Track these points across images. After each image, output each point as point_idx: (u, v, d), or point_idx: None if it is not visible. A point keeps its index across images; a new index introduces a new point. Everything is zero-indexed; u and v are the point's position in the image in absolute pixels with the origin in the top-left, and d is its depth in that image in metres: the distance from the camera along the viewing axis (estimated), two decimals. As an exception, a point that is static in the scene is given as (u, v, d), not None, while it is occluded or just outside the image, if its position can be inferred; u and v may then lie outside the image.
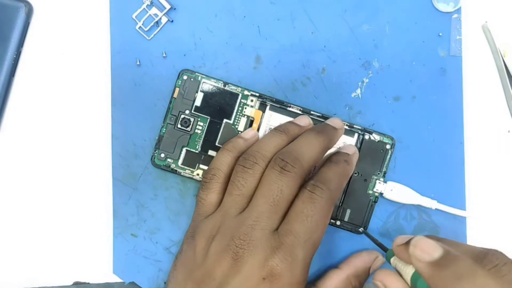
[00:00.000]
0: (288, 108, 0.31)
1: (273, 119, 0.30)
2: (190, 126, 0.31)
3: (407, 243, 0.25)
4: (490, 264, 0.22)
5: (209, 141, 0.31)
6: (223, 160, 0.28)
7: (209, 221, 0.27)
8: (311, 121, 0.30)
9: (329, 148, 0.29)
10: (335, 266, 0.30)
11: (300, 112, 0.31)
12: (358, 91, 0.32)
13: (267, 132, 0.30)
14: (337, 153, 0.29)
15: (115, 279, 0.32)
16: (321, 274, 0.31)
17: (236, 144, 0.29)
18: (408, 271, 0.25)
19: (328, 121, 0.29)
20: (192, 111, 0.31)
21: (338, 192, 0.27)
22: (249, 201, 0.27)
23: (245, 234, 0.25)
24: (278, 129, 0.29)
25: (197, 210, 0.29)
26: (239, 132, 0.31)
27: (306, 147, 0.27)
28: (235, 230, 0.26)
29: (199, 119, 0.31)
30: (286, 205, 0.26)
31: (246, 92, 0.31)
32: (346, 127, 0.31)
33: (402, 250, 0.25)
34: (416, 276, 0.24)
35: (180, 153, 0.31)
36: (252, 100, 0.31)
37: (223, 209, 0.27)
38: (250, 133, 0.30)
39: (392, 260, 0.27)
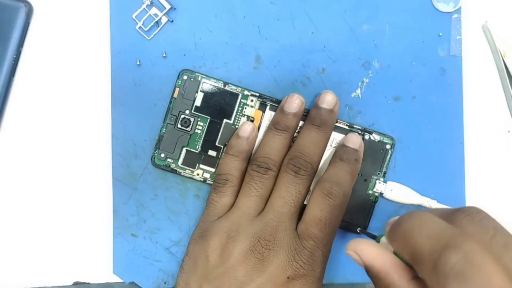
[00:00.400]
0: (288, 108, 0.31)
1: (273, 119, 0.30)
2: (190, 126, 0.31)
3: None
4: (463, 214, 0.19)
5: (209, 141, 0.31)
6: (232, 166, 0.29)
7: (224, 222, 0.28)
8: (301, 98, 0.30)
9: (331, 134, 0.30)
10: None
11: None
12: (358, 91, 0.32)
13: (265, 131, 0.30)
14: (346, 149, 0.29)
15: (115, 279, 0.32)
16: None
17: (240, 148, 0.29)
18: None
19: (321, 103, 0.29)
20: (192, 111, 0.31)
21: (350, 191, 0.29)
22: (265, 203, 0.28)
23: (270, 235, 0.27)
24: (278, 128, 0.29)
25: (207, 212, 0.29)
26: (239, 132, 0.31)
27: (312, 146, 0.29)
28: (259, 231, 0.27)
29: (199, 119, 0.31)
30: (302, 203, 0.29)
31: (246, 92, 0.31)
32: (346, 127, 0.31)
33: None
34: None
35: (180, 153, 0.31)
36: (252, 100, 0.31)
37: (239, 210, 0.28)
38: (248, 130, 0.30)
39: (381, 239, 0.26)
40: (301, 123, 0.30)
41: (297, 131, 0.30)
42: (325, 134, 0.29)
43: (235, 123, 0.31)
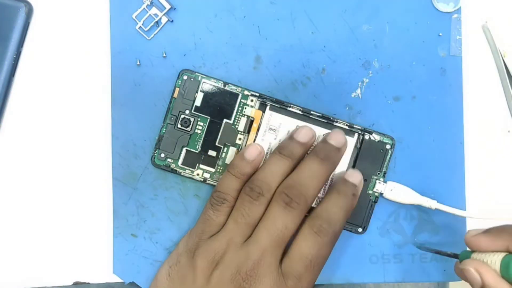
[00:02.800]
0: (288, 108, 0.31)
1: (273, 119, 0.30)
2: (190, 126, 0.31)
3: (487, 232, 0.25)
4: None
5: (209, 141, 0.31)
6: (231, 186, 0.29)
7: (213, 243, 0.28)
8: (314, 132, 0.29)
9: (333, 171, 0.29)
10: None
11: (300, 112, 0.31)
12: (358, 91, 0.32)
13: (270, 154, 0.29)
14: (345, 182, 0.28)
15: (115, 279, 0.32)
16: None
17: (243, 170, 0.28)
18: (494, 259, 0.25)
19: (329, 139, 0.29)
20: (192, 111, 0.31)
21: (342, 229, 0.28)
22: (253, 229, 0.28)
23: (251, 270, 0.26)
24: (283, 153, 0.28)
25: (201, 226, 0.29)
26: (239, 132, 0.31)
27: (311, 179, 0.27)
28: (241, 263, 0.27)
29: (199, 119, 0.31)
30: (289, 238, 0.27)
31: (246, 92, 0.31)
32: (346, 127, 0.31)
33: (481, 239, 0.25)
34: (508, 259, 0.24)
35: (180, 153, 0.31)
36: (252, 100, 0.31)
37: (227, 235, 0.28)
38: (254, 153, 0.29)
39: (473, 256, 0.26)
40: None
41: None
42: (327, 170, 0.28)
43: (235, 123, 0.31)
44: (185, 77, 0.31)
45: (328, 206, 0.27)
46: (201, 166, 0.31)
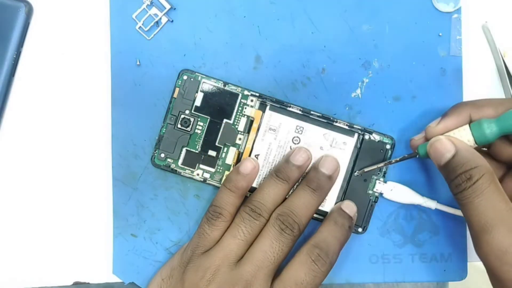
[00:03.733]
0: (288, 108, 0.31)
1: (273, 119, 0.31)
2: (190, 126, 0.31)
3: (445, 117, 0.29)
4: None
5: (209, 141, 0.31)
6: (227, 200, 0.29)
7: (206, 259, 0.28)
8: (309, 154, 0.30)
9: (324, 198, 0.30)
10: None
11: (300, 112, 0.31)
12: (358, 91, 0.32)
13: (267, 176, 0.30)
14: (341, 213, 0.29)
15: (115, 279, 0.32)
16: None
17: (238, 184, 0.29)
18: (460, 133, 0.27)
19: (321, 166, 0.29)
20: (192, 111, 0.31)
21: (336, 258, 0.28)
22: (247, 249, 0.28)
23: None
24: (280, 177, 0.29)
25: (196, 241, 0.29)
26: (239, 132, 0.31)
27: (304, 208, 0.28)
28: (233, 283, 0.27)
29: (199, 119, 0.31)
30: (281, 262, 0.28)
31: (246, 92, 0.31)
32: (346, 127, 0.31)
33: (446, 124, 0.28)
34: (476, 124, 0.27)
35: (180, 153, 0.31)
36: (252, 100, 0.31)
37: (222, 251, 0.28)
38: (249, 167, 0.29)
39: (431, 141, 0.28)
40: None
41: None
42: (319, 198, 0.29)
43: (235, 123, 0.31)
44: (185, 77, 0.31)
45: (325, 236, 0.28)
46: (201, 166, 0.31)
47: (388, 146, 0.31)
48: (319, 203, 0.29)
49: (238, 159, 0.31)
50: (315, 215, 0.30)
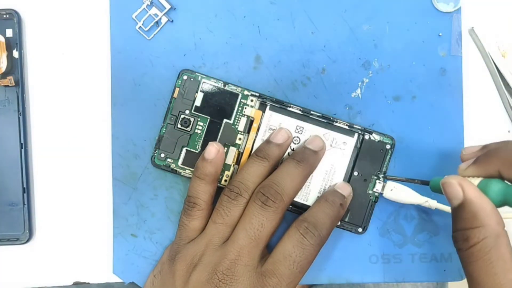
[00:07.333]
0: (288, 108, 0.31)
1: (273, 119, 0.30)
2: (190, 126, 0.31)
3: (476, 163, 0.26)
4: None
5: (209, 141, 0.31)
6: (199, 189, 0.29)
7: (191, 247, 0.28)
8: (290, 133, 0.30)
9: (310, 174, 0.29)
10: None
11: (299, 112, 0.31)
12: (358, 91, 0.32)
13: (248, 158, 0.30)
14: (333, 192, 0.29)
15: (115, 279, 0.32)
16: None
17: (205, 170, 0.28)
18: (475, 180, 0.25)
19: (308, 144, 0.29)
20: (192, 111, 0.31)
21: (327, 236, 0.27)
22: (232, 230, 0.28)
23: (228, 269, 0.26)
24: (259, 155, 0.29)
25: (179, 234, 0.29)
26: (239, 132, 0.31)
27: (287, 179, 0.28)
28: (218, 263, 0.27)
29: (199, 119, 0.31)
30: (267, 238, 0.27)
31: (246, 92, 0.31)
32: (346, 127, 0.31)
33: (472, 171, 0.26)
34: (485, 182, 0.24)
35: (180, 153, 0.31)
36: (252, 100, 0.31)
37: (206, 237, 0.28)
38: (213, 152, 0.29)
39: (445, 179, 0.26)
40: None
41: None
42: (304, 170, 0.28)
43: (235, 123, 0.31)
44: (185, 77, 0.31)
45: (315, 211, 0.28)
46: (201, 166, 0.31)
47: (388, 146, 0.31)
48: (305, 176, 0.29)
49: (238, 159, 0.31)
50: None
